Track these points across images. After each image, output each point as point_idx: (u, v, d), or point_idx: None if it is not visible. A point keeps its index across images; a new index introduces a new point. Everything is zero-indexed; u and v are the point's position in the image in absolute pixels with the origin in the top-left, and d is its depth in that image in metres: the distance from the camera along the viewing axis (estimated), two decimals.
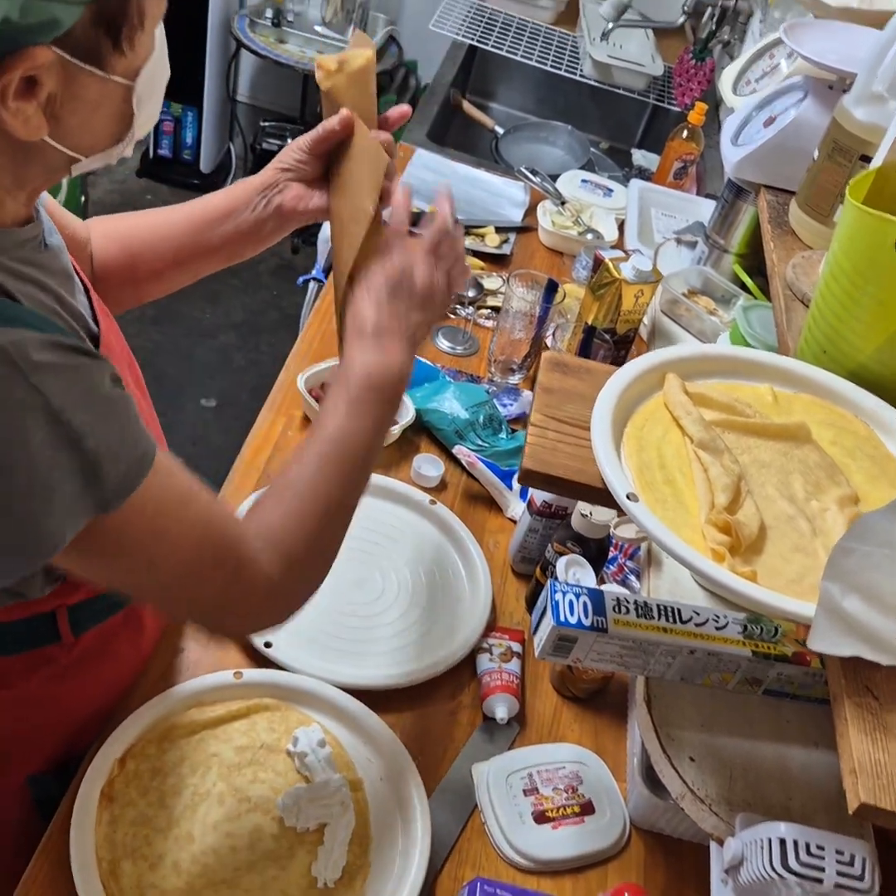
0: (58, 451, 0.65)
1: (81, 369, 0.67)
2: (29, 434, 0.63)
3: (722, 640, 0.92)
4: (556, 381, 0.89)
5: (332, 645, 1.11)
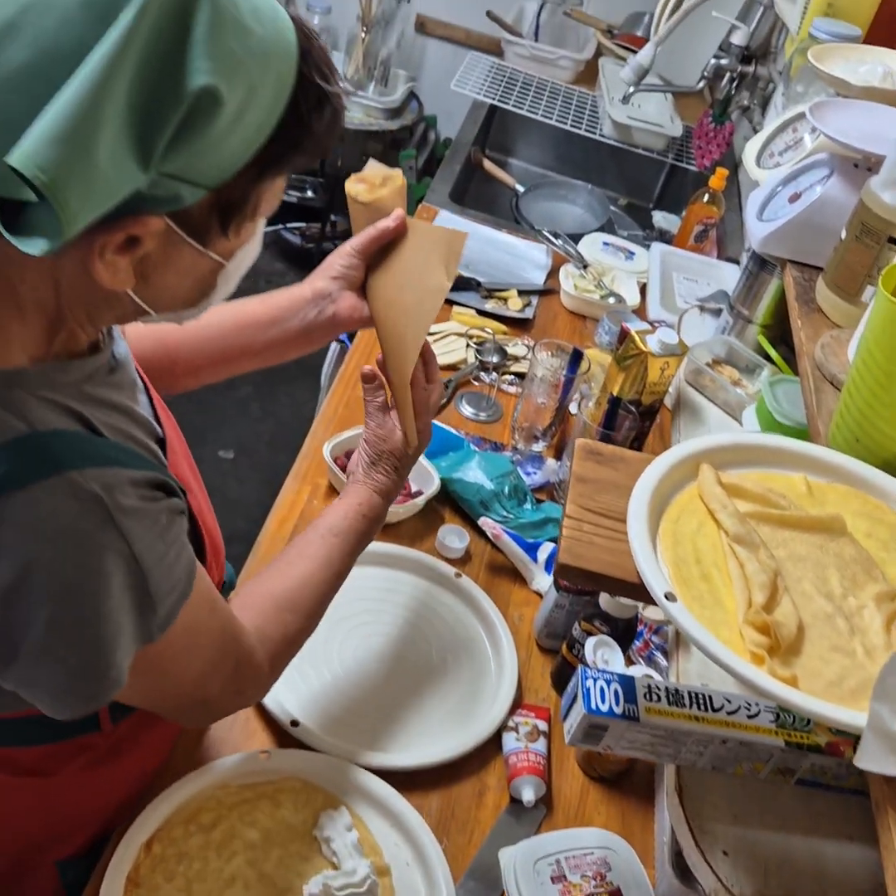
0: (128, 591, 0.68)
1: (157, 512, 0.71)
2: (110, 577, 0.66)
3: (754, 728, 0.91)
4: (590, 471, 0.90)
5: (357, 724, 1.10)
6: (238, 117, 0.61)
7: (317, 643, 1.17)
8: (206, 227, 0.68)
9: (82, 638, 0.67)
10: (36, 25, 0.54)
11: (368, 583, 1.26)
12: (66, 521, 0.64)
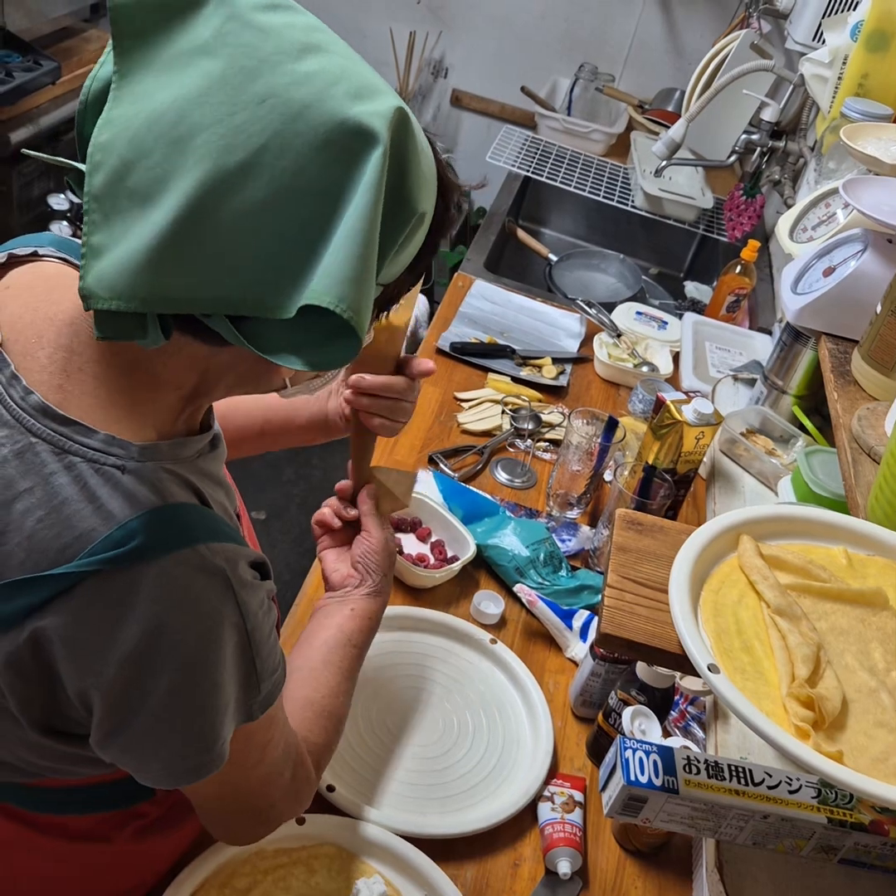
0: (239, 665, 0.71)
1: (262, 589, 0.73)
2: (226, 648, 0.69)
3: (795, 804, 0.90)
4: (630, 541, 0.90)
5: (393, 789, 1.10)
6: (426, 229, 0.70)
7: (354, 708, 1.17)
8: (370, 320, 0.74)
9: (199, 708, 0.68)
10: (273, 165, 0.58)
11: (404, 647, 1.26)
12: (194, 592, 0.66)
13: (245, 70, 0.59)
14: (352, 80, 0.62)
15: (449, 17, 3.29)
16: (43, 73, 2.41)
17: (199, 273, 0.59)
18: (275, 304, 0.60)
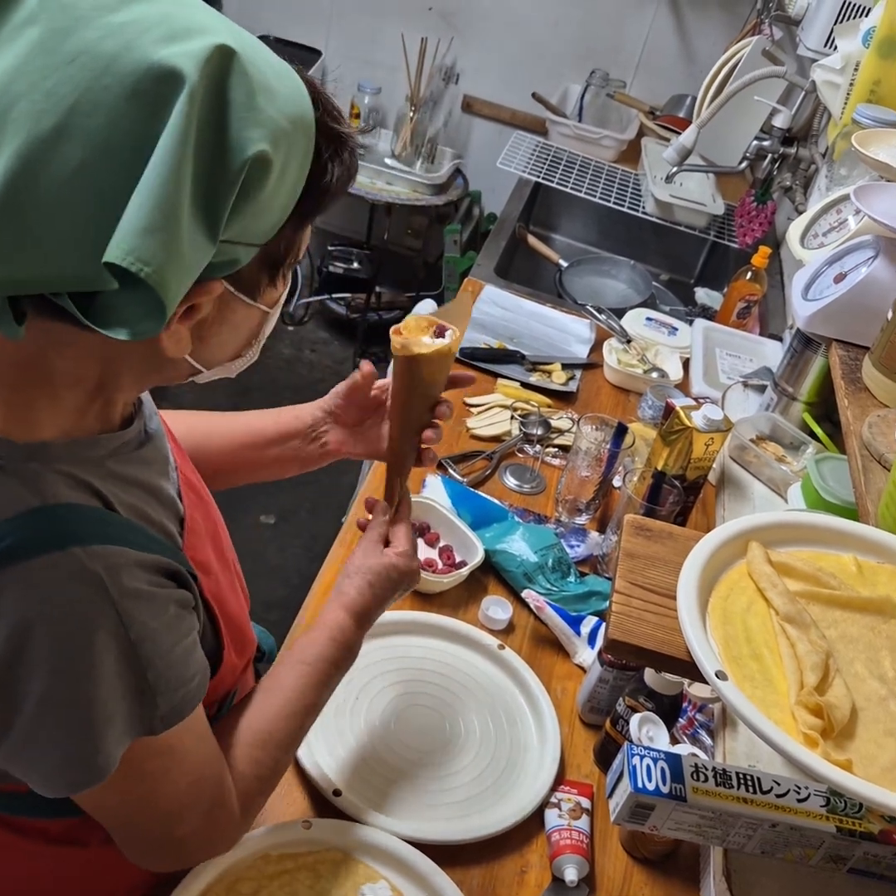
0: (122, 677, 0.68)
1: (164, 600, 0.70)
2: (101, 659, 0.66)
3: (804, 813, 0.90)
4: (639, 547, 0.90)
5: (399, 794, 1.10)
6: (281, 175, 0.63)
7: (359, 712, 1.17)
8: (257, 281, 0.71)
9: (70, 718, 0.66)
10: (85, 126, 0.55)
11: (412, 652, 1.26)
12: (63, 597, 0.64)
13: (60, 30, 0.56)
14: (171, 23, 0.57)
15: (460, 23, 3.29)
16: None
17: (24, 250, 0.56)
18: (94, 273, 0.56)
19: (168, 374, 0.74)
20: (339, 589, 0.98)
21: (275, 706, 0.89)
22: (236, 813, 0.84)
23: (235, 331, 0.74)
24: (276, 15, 3.43)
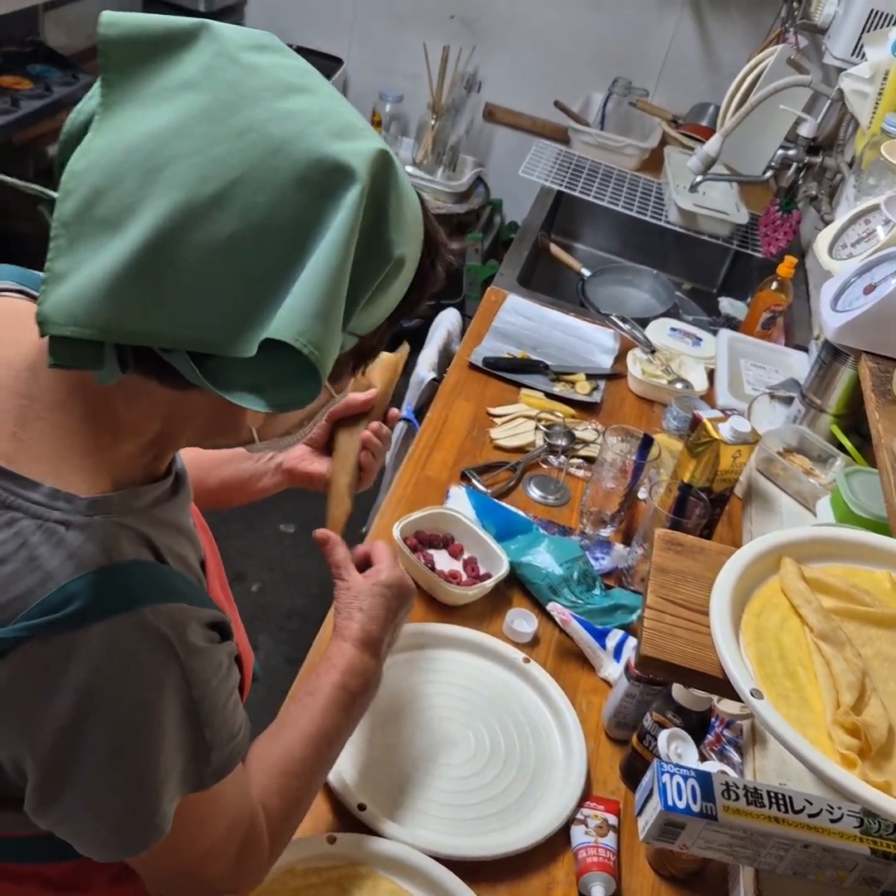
0: (183, 734, 0.68)
1: (219, 655, 0.71)
2: (167, 718, 0.66)
3: (837, 834, 0.88)
4: (670, 561, 0.89)
5: (424, 809, 1.09)
6: (405, 279, 0.67)
7: (384, 726, 1.16)
8: (343, 369, 0.73)
9: (135, 780, 0.66)
10: (247, 200, 0.57)
11: (436, 665, 1.25)
12: (132, 660, 0.63)
13: (227, 104, 0.58)
14: (334, 119, 0.61)
15: (482, 31, 3.30)
16: (80, 88, 2.45)
17: (160, 306, 0.57)
18: (236, 341, 0.58)
19: (226, 439, 0.73)
20: (335, 629, 0.97)
21: (291, 737, 0.87)
22: (266, 849, 0.83)
23: (302, 411, 0.75)
24: (299, 23, 3.44)
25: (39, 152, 2.37)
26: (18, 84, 2.32)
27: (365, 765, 1.11)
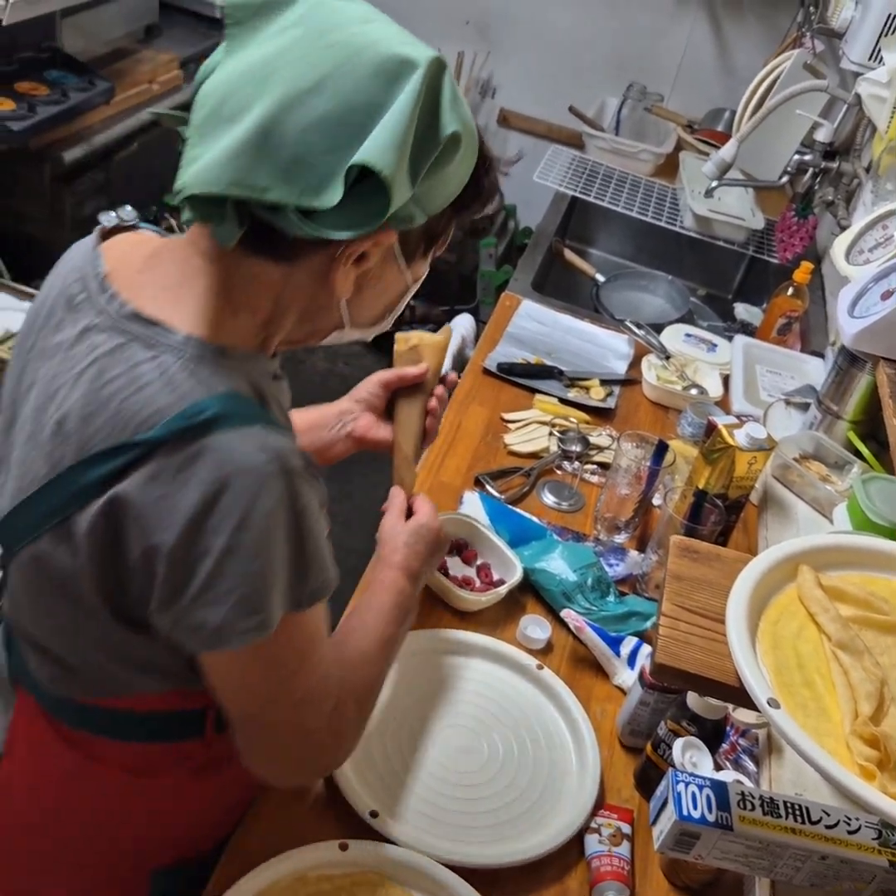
0: (289, 544, 0.77)
1: (314, 484, 0.81)
2: (276, 522, 0.76)
3: (855, 846, 0.87)
4: (685, 569, 0.88)
5: (437, 816, 1.08)
6: (460, 162, 0.81)
7: (396, 733, 1.16)
8: (415, 250, 0.87)
9: (248, 569, 0.75)
10: (334, 88, 0.74)
11: (449, 672, 1.25)
12: (253, 465, 0.74)
13: (319, 30, 0.76)
14: (402, 35, 0.79)
15: (497, 36, 3.30)
16: (97, 93, 2.45)
17: (269, 169, 0.72)
18: (326, 192, 0.74)
19: (320, 323, 0.88)
20: (377, 556, 1.08)
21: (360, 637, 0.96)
22: (354, 712, 0.91)
23: (383, 293, 0.89)
24: None
25: (56, 157, 2.37)
26: (35, 90, 2.33)
27: (377, 771, 1.11)
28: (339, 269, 0.80)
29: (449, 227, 0.88)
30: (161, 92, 2.79)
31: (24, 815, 1.00)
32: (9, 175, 2.39)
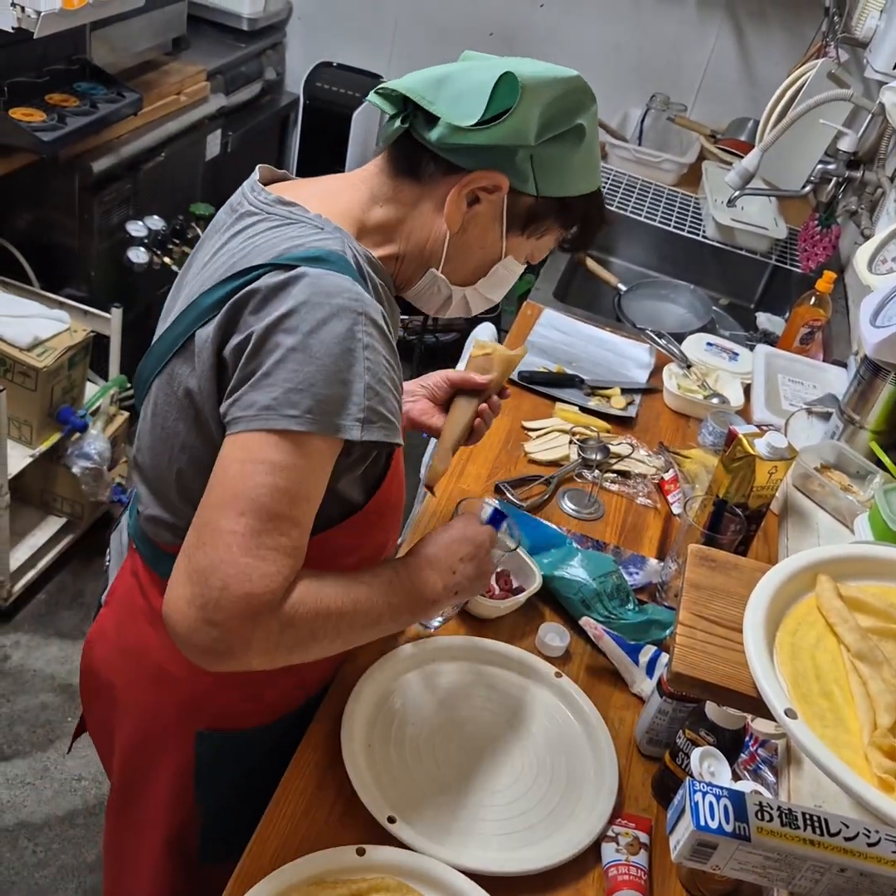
0: (348, 366, 0.88)
1: (389, 347, 0.94)
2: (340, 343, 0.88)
3: (875, 858, 0.86)
4: (703, 577, 0.88)
5: (453, 823, 1.08)
6: (580, 165, 1.00)
7: (415, 739, 1.16)
8: (517, 219, 1.01)
9: (305, 370, 0.86)
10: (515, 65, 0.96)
11: (467, 679, 1.25)
12: (336, 294, 0.88)
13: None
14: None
15: (521, 48, 3.30)
16: (125, 105, 2.48)
17: (443, 91, 0.96)
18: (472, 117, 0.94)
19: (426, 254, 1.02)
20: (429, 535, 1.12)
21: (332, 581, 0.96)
22: (278, 587, 0.88)
23: (480, 249, 1.03)
24: (339, 41, 3.47)
25: (84, 167, 2.40)
26: (65, 101, 2.36)
27: (395, 777, 1.11)
28: (453, 194, 0.96)
29: (550, 225, 1.03)
30: (188, 103, 2.82)
31: (109, 654, 1.16)
32: (38, 185, 2.42)
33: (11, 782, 2.09)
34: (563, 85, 0.97)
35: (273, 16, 3.38)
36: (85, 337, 2.31)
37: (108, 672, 1.17)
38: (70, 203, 2.45)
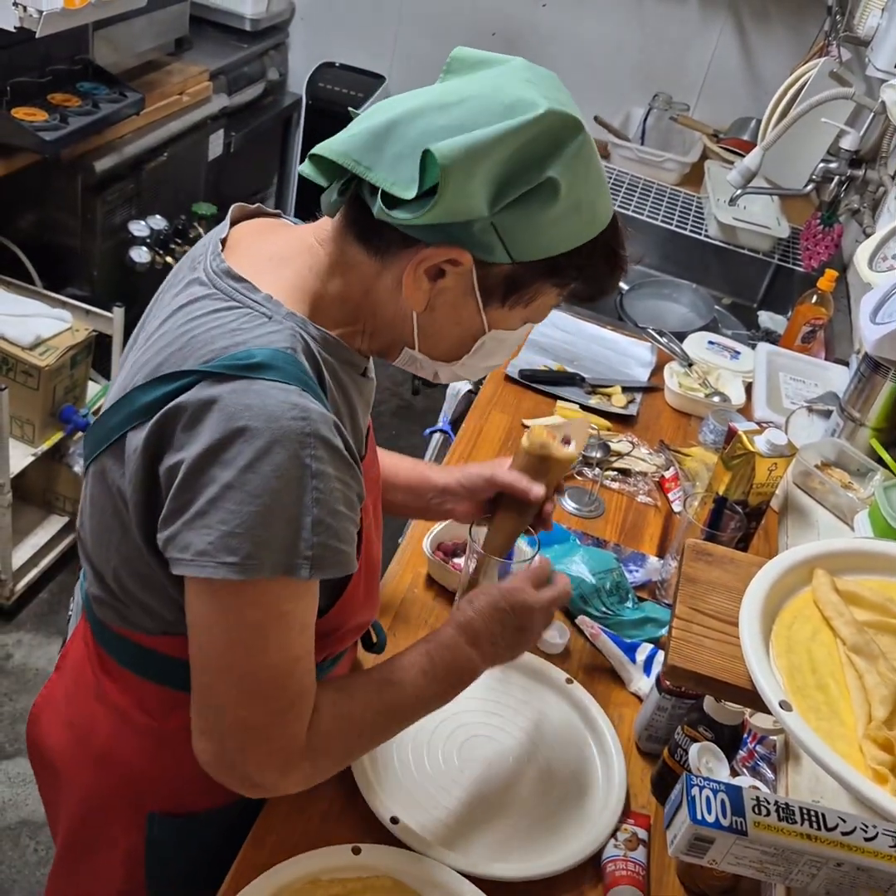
0: (293, 502, 0.78)
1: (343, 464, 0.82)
2: (286, 474, 0.77)
3: (872, 853, 0.86)
4: (700, 571, 0.88)
5: (458, 828, 1.07)
6: (562, 218, 0.81)
7: (421, 742, 1.16)
8: (493, 291, 0.85)
9: (243, 508, 0.77)
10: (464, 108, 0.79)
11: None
12: (279, 418, 0.77)
13: (492, 84, 0.84)
14: (554, 94, 0.83)
15: (523, 48, 3.31)
16: (127, 105, 2.49)
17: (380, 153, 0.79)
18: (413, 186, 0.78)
19: (391, 336, 0.90)
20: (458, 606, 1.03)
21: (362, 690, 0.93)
22: (302, 737, 0.86)
23: (456, 324, 0.88)
24: (342, 41, 3.48)
25: (87, 167, 2.41)
26: (68, 101, 2.37)
27: (400, 779, 1.11)
28: (411, 272, 0.82)
29: (538, 288, 0.86)
30: (191, 103, 2.83)
31: (55, 727, 1.07)
32: (41, 184, 2.43)
33: (13, 780, 2.09)
34: (522, 134, 0.78)
35: (276, 16, 3.39)
36: (87, 336, 2.32)
37: (53, 747, 1.08)
38: (72, 203, 2.45)
